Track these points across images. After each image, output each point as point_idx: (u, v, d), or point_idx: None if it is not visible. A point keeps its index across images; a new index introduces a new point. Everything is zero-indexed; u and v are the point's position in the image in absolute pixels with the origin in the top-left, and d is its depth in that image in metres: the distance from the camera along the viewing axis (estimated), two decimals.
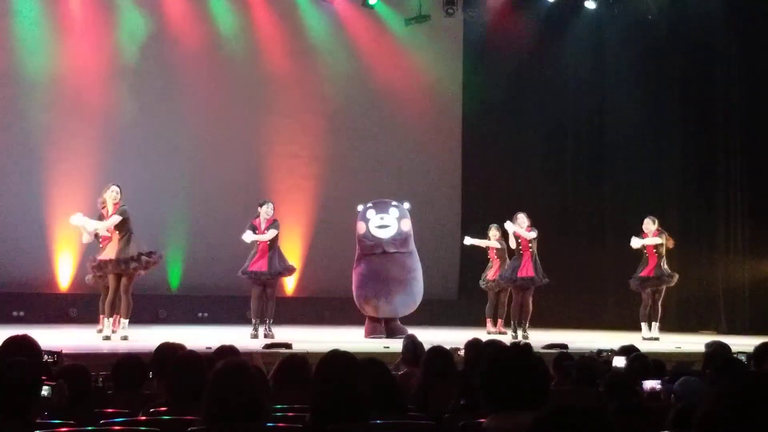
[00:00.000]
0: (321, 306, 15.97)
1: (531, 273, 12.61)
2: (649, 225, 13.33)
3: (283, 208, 15.44)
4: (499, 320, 13.67)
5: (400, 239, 12.31)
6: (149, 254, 11.10)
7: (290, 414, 4.38)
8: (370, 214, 12.40)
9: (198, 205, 15.81)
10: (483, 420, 3.23)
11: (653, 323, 13.17)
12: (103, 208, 11.12)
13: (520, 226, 12.72)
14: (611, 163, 17.46)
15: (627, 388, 5.08)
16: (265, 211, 11.95)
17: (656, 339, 12.84)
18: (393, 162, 17.15)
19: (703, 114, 16.53)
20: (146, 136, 15.65)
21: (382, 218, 12.33)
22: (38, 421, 3.90)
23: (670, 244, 13.34)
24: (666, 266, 13.29)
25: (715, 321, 15.96)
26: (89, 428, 3.97)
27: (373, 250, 12.27)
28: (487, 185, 17.33)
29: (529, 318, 12.84)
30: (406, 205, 12.59)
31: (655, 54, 17.05)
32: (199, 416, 3.51)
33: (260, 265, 11.81)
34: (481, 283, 13.74)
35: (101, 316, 11.39)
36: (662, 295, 13.35)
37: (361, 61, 17.25)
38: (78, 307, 14.76)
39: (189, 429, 3.64)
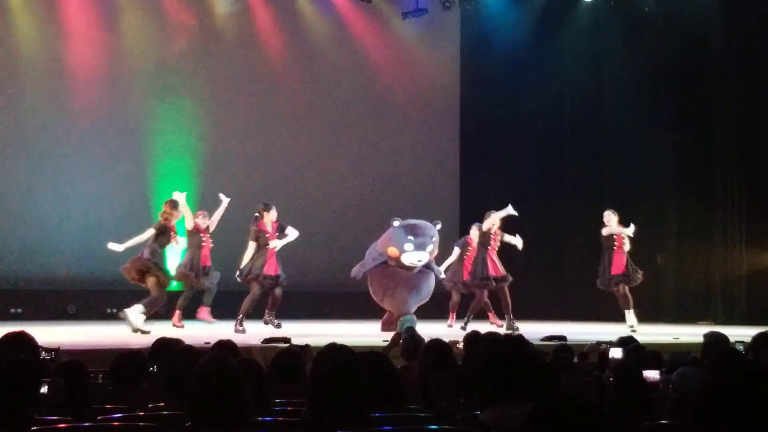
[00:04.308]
0: (319, 300, 15.97)
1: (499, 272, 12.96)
2: (611, 218, 13.25)
3: (282, 205, 15.43)
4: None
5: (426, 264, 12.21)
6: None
7: (289, 408, 4.38)
8: (409, 246, 11.83)
9: (196, 201, 15.79)
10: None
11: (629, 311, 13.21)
12: (166, 219, 11.54)
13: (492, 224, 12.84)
14: (609, 156, 17.45)
15: (633, 378, 5.10)
16: (274, 215, 12.08)
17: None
18: (391, 155, 17.15)
19: (700, 105, 16.52)
20: (146, 134, 15.62)
21: (419, 261, 11.94)
22: (37, 417, 3.90)
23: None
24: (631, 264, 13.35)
25: (713, 311, 15.97)
26: (87, 424, 3.97)
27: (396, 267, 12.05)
28: (485, 177, 17.34)
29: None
30: (438, 226, 12.31)
31: (651, 46, 17.04)
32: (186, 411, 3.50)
33: (275, 269, 11.95)
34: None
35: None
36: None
37: (358, 55, 17.24)
38: (76, 304, 14.77)
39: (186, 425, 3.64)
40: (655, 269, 16.70)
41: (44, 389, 4.07)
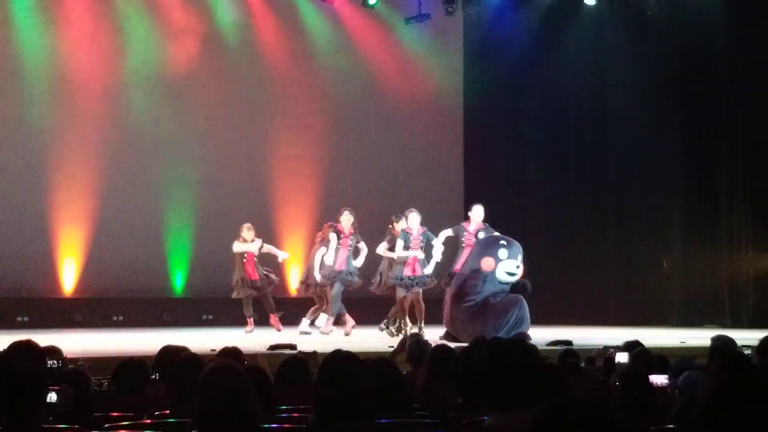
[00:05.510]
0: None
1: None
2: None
3: (285, 210, 15.48)
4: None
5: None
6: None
7: (295, 414, 4.38)
8: (503, 253, 11.30)
9: (202, 208, 15.81)
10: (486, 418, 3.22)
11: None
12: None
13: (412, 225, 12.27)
14: (613, 160, 17.43)
15: (639, 383, 5.09)
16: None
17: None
18: (395, 161, 17.15)
19: (704, 109, 16.48)
20: (149, 140, 15.63)
21: (518, 267, 11.37)
22: (43, 426, 3.90)
23: None
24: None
25: (720, 315, 15.93)
26: None
27: (476, 297, 11.28)
28: (488, 182, 17.31)
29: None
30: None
31: (655, 50, 17.02)
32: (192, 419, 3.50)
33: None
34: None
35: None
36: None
37: (361, 61, 17.25)
38: (83, 312, 14.78)
39: None
40: (661, 272, 16.69)
41: (53, 397, 4.07)
